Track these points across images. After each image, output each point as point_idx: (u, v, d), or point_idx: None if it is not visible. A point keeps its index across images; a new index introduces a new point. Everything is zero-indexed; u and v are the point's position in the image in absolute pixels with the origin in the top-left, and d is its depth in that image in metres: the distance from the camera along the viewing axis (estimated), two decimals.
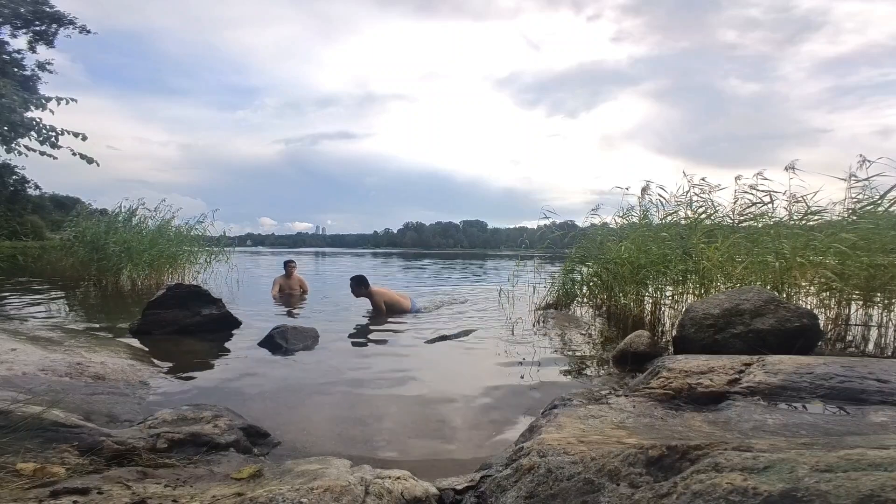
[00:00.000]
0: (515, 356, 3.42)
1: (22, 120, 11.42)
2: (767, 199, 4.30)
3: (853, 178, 3.81)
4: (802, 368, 1.88)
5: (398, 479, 1.24)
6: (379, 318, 4.99)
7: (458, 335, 4.17)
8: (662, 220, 5.04)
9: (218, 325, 4.13)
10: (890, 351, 3.20)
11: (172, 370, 2.91)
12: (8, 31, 16.25)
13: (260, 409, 2.24)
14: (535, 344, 3.83)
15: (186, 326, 3.97)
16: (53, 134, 11.71)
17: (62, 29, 16.77)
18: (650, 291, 4.47)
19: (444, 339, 4.01)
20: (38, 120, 11.67)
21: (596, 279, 5.14)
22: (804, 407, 1.68)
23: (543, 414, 1.87)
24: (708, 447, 1.10)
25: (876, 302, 3.39)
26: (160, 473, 1.29)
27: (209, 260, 8.64)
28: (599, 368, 3.14)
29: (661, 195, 5.08)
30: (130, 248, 7.35)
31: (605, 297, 5.04)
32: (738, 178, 4.57)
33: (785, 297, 3.51)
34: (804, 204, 4.06)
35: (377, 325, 4.70)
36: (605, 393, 2.05)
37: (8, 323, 3.92)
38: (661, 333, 4.12)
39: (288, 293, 6.99)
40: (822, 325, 3.19)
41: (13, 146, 12.09)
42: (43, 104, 11.56)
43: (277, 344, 3.50)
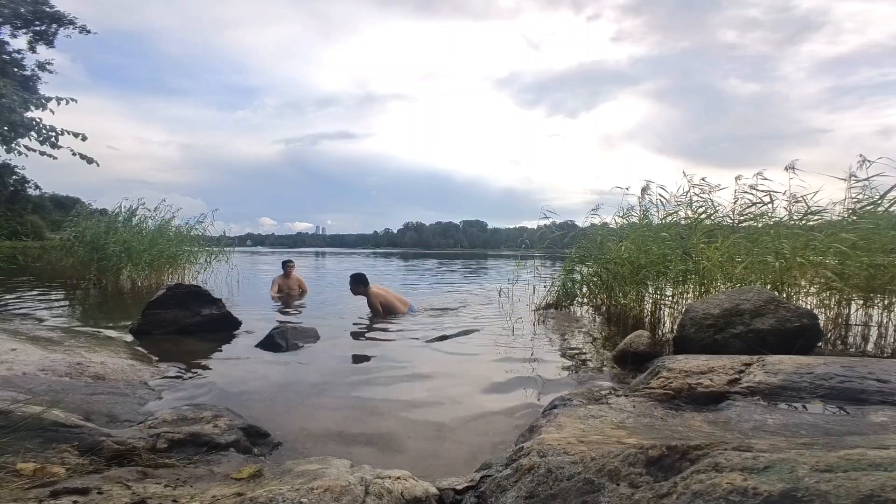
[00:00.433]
0: (515, 356, 3.42)
1: (22, 120, 11.41)
2: (767, 199, 4.30)
3: (853, 178, 3.81)
4: (802, 368, 1.88)
5: (398, 479, 1.24)
6: (377, 317, 4.99)
7: (458, 335, 4.17)
8: (662, 220, 5.04)
9: (218, 325, 4.13)
10: (890, 351, 3.20)
11: (172, 370, 2.91)
12: (8, 31, 16.25)
13: (260, 409, 2.24)
14: (534, 344, 3.83)
15: (186, 326, 3.97)
16: (53, 134, 11.70)
17: (62, 29, 16.76)
18: (650, 291, 4.47)
19: (444, 338, 4.01)
20: (38, 120, 11.66)
21: (596, 279, 5.14)
22: (804, 407, 1.68)
23: (543, 414, 1.87)
24: (708, 447, 1.10)
25: (876, 302, 3.39)
26: (160, 473, 1.29)
27: (209, 260, 8.64)
28: (599, 368, 3.14)
29: (661, 195, 5.08)
30: (130, 248, 7.36)
31: (605, 297, 5.04)
32: (738, 178, 4.58)
33: (785, 297, 3.51)
34: (804, 204, 4.06)
35: (377, 324, 4.70)
36: (605, 393, 2.05)
37: (8, 323, 3.92)
38: (661, 333, 4.12)
39: (287, 293, 7.00)
40: (822, 325, 3.19)
41: (13, 146, 12.08)
42: (43, 104, 11.55)
43: (277, 344, 3.50)
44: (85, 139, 11.78)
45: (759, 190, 4.36)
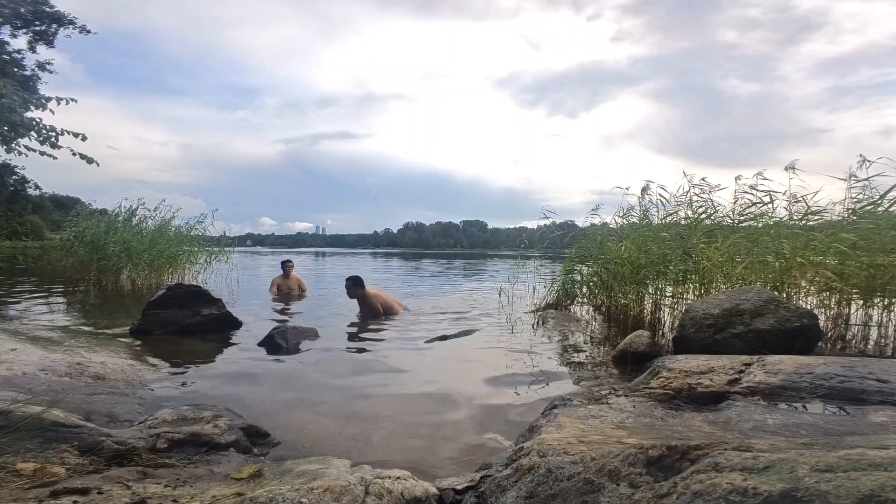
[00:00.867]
0: (515, 356, 3.42)
1: (22, 120, 11.41)
2: (767, 199, 4.30)
3: (853, 178, 3.81)
4: (802, 368, 1.88)
5: (398, 479, 1.24)
6: (377, 318, 4.99)
7: (457, 335, 4.17)
8: (662, 220, 5.04)
9: (218, 325, 4.13)
10: (890, 351, 3.20)
11: (172, 370, 2.91)
12: (8, 31, 16.26)
13: (260, 409, 2.24)
14: (534, 344, 3.83)
15: (186, 326, 3.97)
16: (53, 134, 11.71)
17: (62, 29, 16.77)
18: (650, 291, 4.47)
19: (443, 338, 4.01)
20: (38, 120, 11.67)
21: (596, 279, 5.13)
22: (804, 407, 1.68)
23: (543, 414, 1.87)
24: (708, 447, 1.10)
25: (876, 302, 3.39)
26: (160, 473, 1.29)
27: (209, 260, 8.64)
28: (599, 368, 3.14)
29: (661, 195, 5.08)
30: (130, 248, 7.35)
31: (605, 297, 5.04)
32: (738, 178, 4.57)
33: (785, 297, 3.51)
34: (804, 204, 4.06)
35: (377, 325, 4.70)
36: (605, 393, 2.05)
37: (8, 323, 3.92)
38: (661, 333, 4.12)
39: (287, 293, 7.01)
40: (822, 325, 3.19)
41: (13, 146, 12.09)
42: (43, 104, 11.55)
43: (277, 344, 3.50)
44: (85, 139, 11.79)
45: (759, 190, 4.37)
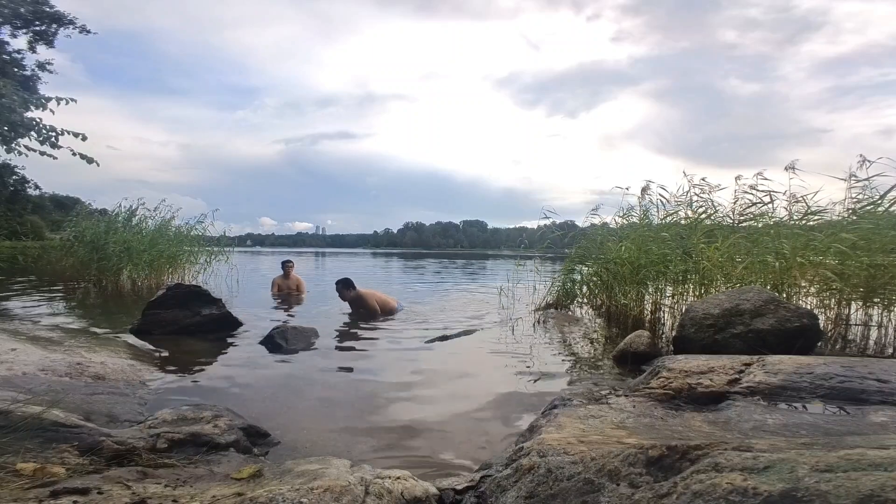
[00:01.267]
0: (515, 356, 3.42)
1: (22, 120, 11.41)
2: (767, 199, 4.31)
3: (853, 178, 3.82)
4: (802, 368, 1.88)
5: (398, 479, 1.24)
6: (372, 318, 5.00)
7: (458, 335, 4.17)
8: (662, 220, 5.04)
9: (218, 325, 4.13)
10: (890, 351, 3.20)
11: (172, 370, 2.91)
12: (8, 31, 16.27)
13: (260, 409, 2.24)
14: (534, 344, 3.83)
15: (186, 326, 3.97)
16: (53, 134, 11.71)
17: (62, 29, 16.78)
18: (650, 291, 4.47)
19: (444, 339, 4.01)
20: (38, 120, 11.66)
21: (596, 279, 5.14)
22: (804, 407, 1.68)
23: (543, 414, 1.87)
24: (708, 447, 1.10)
25: (876, 302, 3.39)
26: (160, 473, 1.29)
27: (209, 260, 8.64)
28: (599, 368, 3.14)
29: (661, 195, 5.08)
30: (130, 248, 7.35)
31: (605, 297, 5.04)
32: (738, 178, 4.58)
33: (785, 297, 3.51)
34: (804, 204, 4.06)
35: (377, 325, 4.70)
36: (605, 393, 2.05)
37: (8, 323, 3.92)
38: (661, 333, 4.12)
39: (286, 293, 7.01)
40: (822, 325, 3.19)
41: (13, 146, 12.09)
42: (43, 104, 11.55)
43: (277, 344, 3.50)
44: (85, 139, 11.79)
45: (759, 190, 4.37)
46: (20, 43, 16.84)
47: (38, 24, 16.45)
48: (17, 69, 16.62)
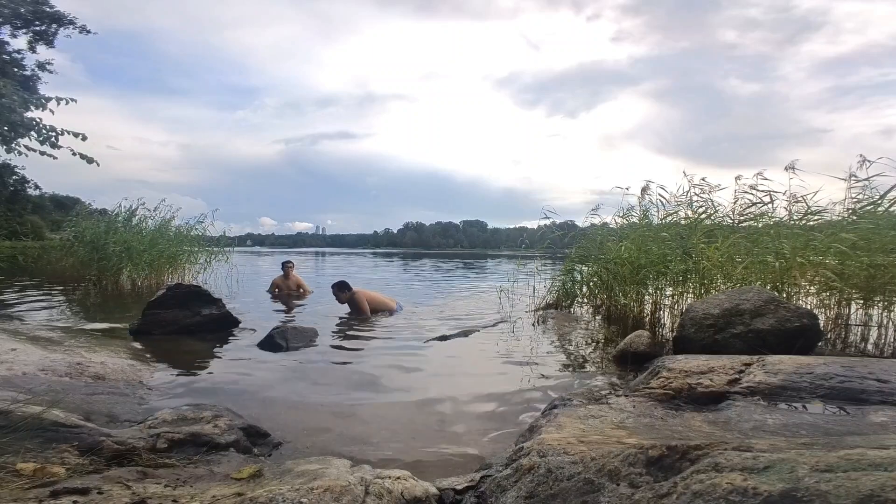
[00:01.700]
0: (515, 356, 3.42)
1: (22, 120, 11.41)
2: (767, 199, 4.30)
3: (853, 178, 3.81)
4: (802, 368, 1.88)
5: (398, 479, 1.24)
6: (370, 318, 5.00)
7: (458, 335, 4.17)
8: (662, 220, 5.04)
9: (218, 325, 4.13)
10: (890, 351, 3.20)
11: (172, 370, 2.91)
12: (8, 31, 16.27)
13: (260, 409, 2.24)
14: (534, 344, 3.83)
15: (186, 326, 3.97)
16: (53, 134, 11.70)
17: (62, 29, 16.78)
18: (650, 291, 4.46)
19: (443, 338, 4.01)
20: (38, 120, 11.65)
21: (596, 279, 5.13)
22: (804, 407, 1.68)
23: (543, 414, 1.87)
24: (708, 447, 1.10)
25: (876, 302, 3.39)
26: (160, 473, 1.29)
27: (209, 260, 8.64)
28: (599, 368, 3.13)
29: (661, 195, 5.08)
30: (130, 248, 7.35)
31: (605, 297, 5.04)
32: (738, 178, 4.58)
33: (785, 297, 3.50)
34: (804, 204, 4.06)
35: (376, 325, 4.70)
36: (605, 393, 2.05)
37: (8, 323, 3.92)
38: (661, 333, 4.12)
39: (286, 294, 7.02)
40: (822, 325, 3.18)
41: (13, 146, 12.08)
42: (43, 104, 11.54)
43: (277, 344, 3.50)
44: (85, 139, 11.77)
45: (759, 190, 4.37)
46: (20, 43, 16.85)
47: (38, 24, 16.46)
48: (17, 69, 16.62)
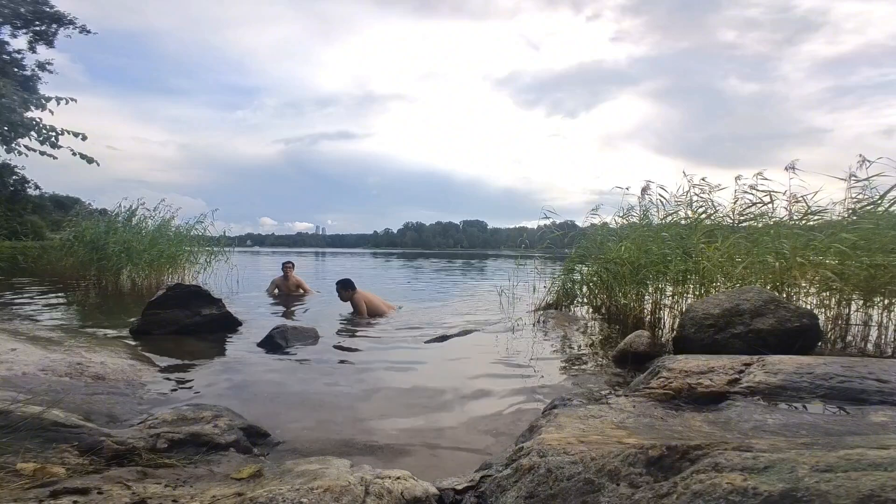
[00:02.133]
0: (515, 356, 3.42)
1: (22, 120, 11.42)
2: (767, 199, 4.30)
3: (853, 178, 3.81)
4: (802, 368, 1.88)
5: (398, 479, 1.24)
6: (371, 319, 5.00)
7: (457, 335, 4.17)
8: (662, 220, 5.04)
9: (218, 325, 4.13)
10: (890, 351, 3.20)
11: (172, 370, 2.91)
12: (8, 31, 16.29)
13: (260, 409, 2.24)
14: (534, 344, 3.83)
15: (186, 326, 3.97)
16: (53, 134, 11.71)
17: (62, 29, 16.81)
18: (650, 291, 4.46)
19: (443, 339, 4.01)
20: (38, 120, 11.67)
21: (596, 279, 5.13)
22: (804, 407, 1.68)
23: (543, 414, 1.87)
24: (708, 447, 1.10)
25: (876, 302, 3.39)
26: (160, 473, 1.29)
27: (209, 260, 8.63)
28: (599, 368, 3.13)
29: (661, 195, 5.08)
30: (130, 248, 7.35)
31: (605, 297, 5.04)
32: (738, 178, 4.57)
33: (785, 297, 3.50)
34: (804, 204, 4.06)
35: (376, 325, 4.70)
36: (605, 393, 2.05)
37: (8, 323, 3.91)
38: (661, 333, 4.12)
39: (286, 294, 7.02)
40: (822, 325, 3.18)
41: (13, 146, 12.10)
42: (43, 104, 11.56)
43: (277, 344, 3.50)
44: (85, 139, 11.79)
45: (759, 190, 4.36)
46: (20, 43, 16.88)
47: (38, 24, 16.48)
48: (17, 69, 16.63)
